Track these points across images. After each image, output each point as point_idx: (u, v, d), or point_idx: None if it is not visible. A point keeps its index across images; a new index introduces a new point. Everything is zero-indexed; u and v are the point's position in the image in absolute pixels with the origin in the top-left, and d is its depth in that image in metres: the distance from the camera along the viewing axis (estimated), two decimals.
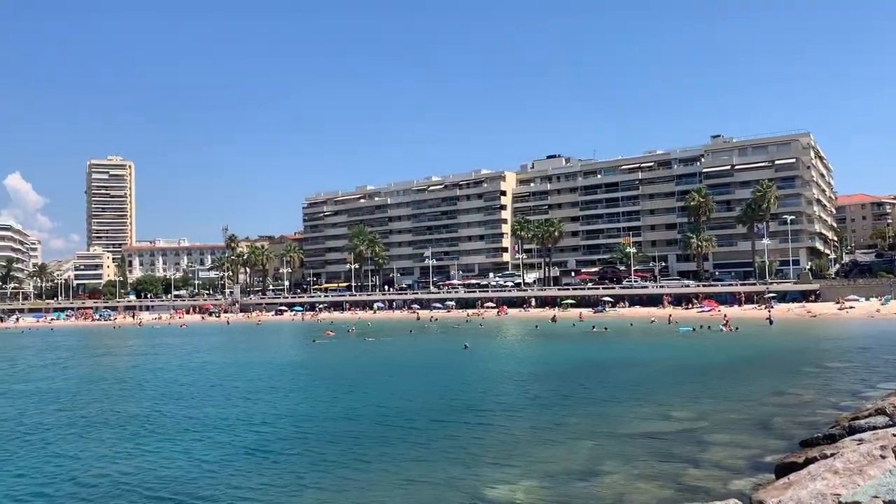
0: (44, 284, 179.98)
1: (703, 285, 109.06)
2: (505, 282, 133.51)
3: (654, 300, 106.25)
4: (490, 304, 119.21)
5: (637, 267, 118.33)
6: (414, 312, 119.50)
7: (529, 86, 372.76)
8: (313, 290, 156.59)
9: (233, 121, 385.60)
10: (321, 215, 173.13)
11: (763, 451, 19.15)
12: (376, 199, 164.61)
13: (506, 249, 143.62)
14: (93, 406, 32.91)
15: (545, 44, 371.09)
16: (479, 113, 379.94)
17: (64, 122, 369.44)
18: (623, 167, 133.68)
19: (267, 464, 20.78)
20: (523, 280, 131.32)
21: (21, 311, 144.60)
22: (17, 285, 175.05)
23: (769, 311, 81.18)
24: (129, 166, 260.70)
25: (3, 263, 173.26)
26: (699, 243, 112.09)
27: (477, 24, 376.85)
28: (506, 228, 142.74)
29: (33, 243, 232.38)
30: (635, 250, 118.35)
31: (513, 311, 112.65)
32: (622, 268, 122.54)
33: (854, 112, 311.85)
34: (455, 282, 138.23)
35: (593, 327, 75.11)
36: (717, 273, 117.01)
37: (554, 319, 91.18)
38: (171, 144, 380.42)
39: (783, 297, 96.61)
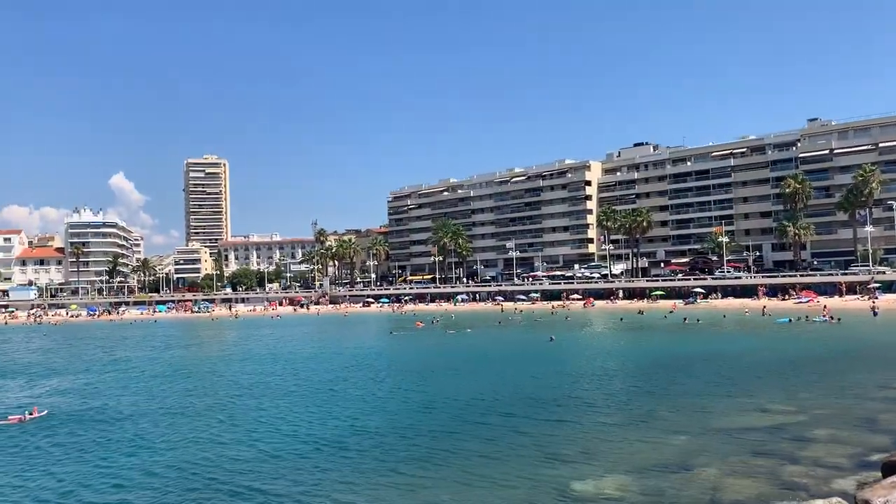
0: (146, 278, 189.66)
1: (801, 275, 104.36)
2: (591, 273, 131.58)
3: (748, 291, 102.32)
4: (576, 295, 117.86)
5: (730, 257, 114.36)
6: (498, 304, 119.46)
7: (614, 73, 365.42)
8: (398, 282, 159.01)
9: (320, 118, 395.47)
10: (405, 209, 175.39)
11: (868, 449, 18.28)
12: (459, 191, 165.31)
13: (591, 240, 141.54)
14: (183, 394, 34.71)
15: (629, 30, 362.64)
16: (563, 102, 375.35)
17: (163, 123, 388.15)
18: (714, 154, 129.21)
19: (356, 458, 21.27)
20: (610, 271, 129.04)
21: (126, 303, 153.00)
22: (122, 279, 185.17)
23: (873, 302, 76.80)
24: (224, 164, 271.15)
25: (110, 259, 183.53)
26: (796, 231, 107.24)
27: (558, 12, 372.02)
28: (591, 219, 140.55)
29: (136, 239, 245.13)
30: (728, 240, 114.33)
31: (600, 303, 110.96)
32: (714, 258, 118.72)
33: None
34: (539, 273, 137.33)
35: (685, 319, 73.09)
36: (815, 262, 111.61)
37: (641, 312, 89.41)
38: (262, 143, 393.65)
39: (889, 287, 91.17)
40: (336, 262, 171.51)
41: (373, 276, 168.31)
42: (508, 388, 32.24)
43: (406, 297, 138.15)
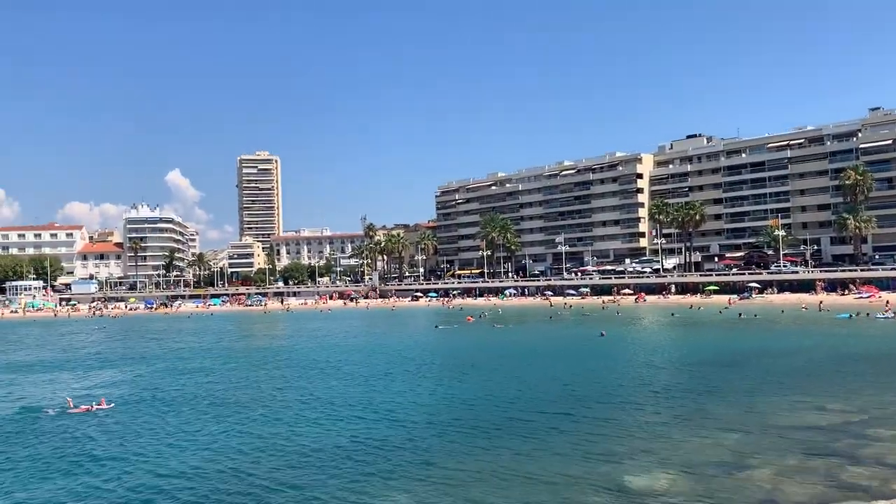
0: (202, 272, 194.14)
1: (862, 269, 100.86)
2: (642, 268, 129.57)
3: (806, 286, 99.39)
4: (627, 290, 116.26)
5: (786, 251, 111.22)
6: (546, 299, 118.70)
7: (664, 64, 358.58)
8: (447, 276, 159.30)
9: (368, 115, 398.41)
10: (453, 203, 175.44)
11: None
12: (507, 185, 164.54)
13: (643, 234, 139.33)
14: (234, 387, 35.50)
15: (681, 18, 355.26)
16: (612, 91, 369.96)
17: (216, 121, 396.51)
18: (770, 145, 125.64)
19: (400, 453, 21.42)
20: (662, 266, 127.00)
21: (182, 297, 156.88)
22: (178, 273, 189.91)
23: None
24: (276, 161, 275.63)
25: (166, 253, 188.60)
26: (857, 224, 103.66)
27: (608, 2, 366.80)
28: (642, 212, 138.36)
29: (192, 235, 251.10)
30: (784, 233, 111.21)
31: (651, 298, 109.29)
32: (769, 252, 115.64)
33: None
34: (589, 268, 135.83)
35: (740, 315, 71.49)
36: (877, 256, 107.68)
37: (691, 307, 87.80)
38: (312, 139, 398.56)
39: None
40: (385, 257, 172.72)
41: (421, 270, 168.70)
42: (557, 384, 32.05)
43: (454, 292, 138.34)
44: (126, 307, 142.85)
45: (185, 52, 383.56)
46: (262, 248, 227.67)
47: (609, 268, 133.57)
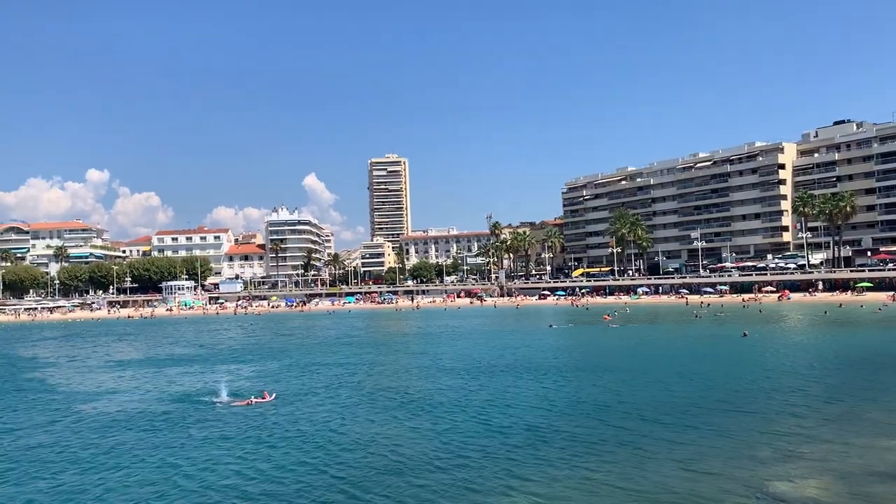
0: (337, 272, 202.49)
1: None
2: (786, 264, 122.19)
3: None
4: (769, 287, 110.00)
5: None
6: (682, 297, 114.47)
7: (805, 47, 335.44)
8: (576, 274, 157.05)
9: (493, 113, 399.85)
10: (581, 199, 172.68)
11: None
12: (638, 179, 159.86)
13: (786, 228, 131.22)
14: (362, 380, 36.71)
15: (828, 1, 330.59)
16: (749, 79, 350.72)
17: (348, 126, 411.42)
18: None
19: (534, 451, 21.42)
20: (808, 261, 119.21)
21: (319, 295, 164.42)
22: (315, 273, 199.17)
23: None
24: (404, 162, 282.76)
25: (304, 254, 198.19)
26: None
27: None
28: (785, 205, 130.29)
29: (327, 236, 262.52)
30: None
31: (796, 296, 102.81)
32: None
33: None
34: (728, 264, 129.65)
35: None
36: None
37: (840, 305, 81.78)
38: (438, 140, 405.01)
39: None
40: (511, 255, 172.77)
41: (548, 268, 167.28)
42: (698, 385, 30.97)
43: (582, 290, 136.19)
44: (268, 305, 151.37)
45: (319, 64, 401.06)
46: (392, 247, 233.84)
47: (749, 264, 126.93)
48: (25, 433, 26.04)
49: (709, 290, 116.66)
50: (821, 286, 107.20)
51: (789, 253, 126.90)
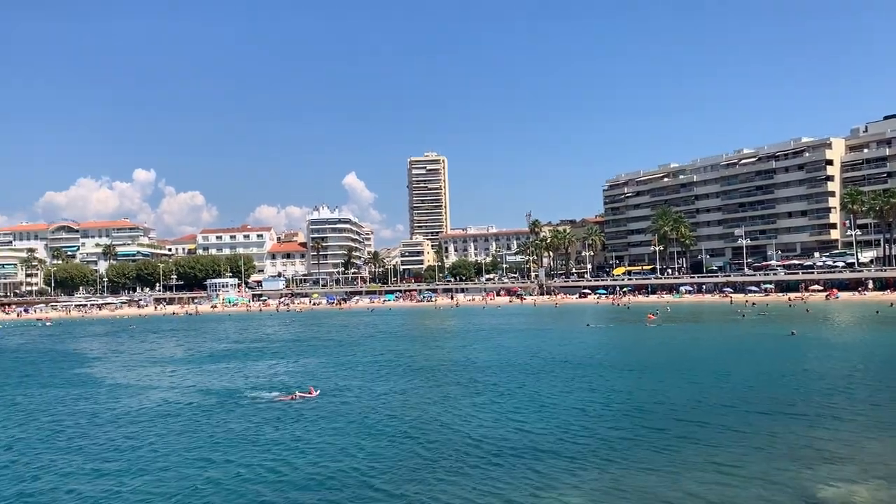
0: (376, 269, 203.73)
1: None
2: (834, 262, 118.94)
3: None
4: (816, 286, 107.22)
5: None
6: (726, 296, 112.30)
7: (854, 38, 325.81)
8: (616, 273, 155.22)
9: (533, 110, 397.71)
10: (622, 197, 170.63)
11: None
12: (681, 176, 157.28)
13: (834, 226, 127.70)
14: (402, 377, 36.75)
15: None
16: (794, 74, 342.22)
17: (388, 125, 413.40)
18: None
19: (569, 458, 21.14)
20: (857, 259, 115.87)
21: (360, 293, 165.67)
22: (355, 271, 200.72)
23: None
24: (443, 161, 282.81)
25: (345, 252, 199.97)
26: None
27: None
28: (833, 202, 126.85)
29: (367, 234, 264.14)
30: None
31: (844, 295, 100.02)
32: None
33: None
34: (773, 263, 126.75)
35: None
36: None
37: (892, 304, 79.19)
38: (477, 138, 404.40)
39: None
40: (551, 253, 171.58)
41: (588, 266, 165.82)
42: (742, 386, 30.28)
43: (624, 289, 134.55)
44: (310, 302, 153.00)
45: (362, 66, 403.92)
46: (432, 245, 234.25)
47: (796, 262, 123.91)
48: (70, 425, 26.67)
49: (753, 288, 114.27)
50: (871, 285, 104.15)
51: (837, 251, 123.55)
